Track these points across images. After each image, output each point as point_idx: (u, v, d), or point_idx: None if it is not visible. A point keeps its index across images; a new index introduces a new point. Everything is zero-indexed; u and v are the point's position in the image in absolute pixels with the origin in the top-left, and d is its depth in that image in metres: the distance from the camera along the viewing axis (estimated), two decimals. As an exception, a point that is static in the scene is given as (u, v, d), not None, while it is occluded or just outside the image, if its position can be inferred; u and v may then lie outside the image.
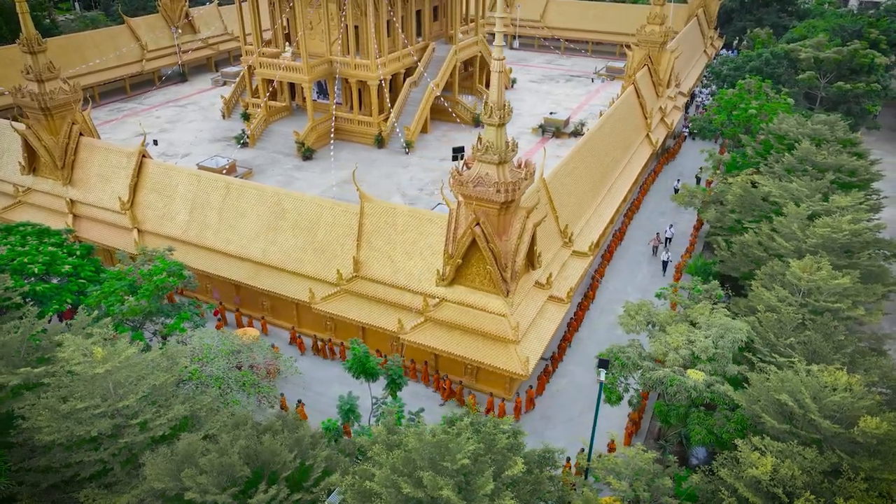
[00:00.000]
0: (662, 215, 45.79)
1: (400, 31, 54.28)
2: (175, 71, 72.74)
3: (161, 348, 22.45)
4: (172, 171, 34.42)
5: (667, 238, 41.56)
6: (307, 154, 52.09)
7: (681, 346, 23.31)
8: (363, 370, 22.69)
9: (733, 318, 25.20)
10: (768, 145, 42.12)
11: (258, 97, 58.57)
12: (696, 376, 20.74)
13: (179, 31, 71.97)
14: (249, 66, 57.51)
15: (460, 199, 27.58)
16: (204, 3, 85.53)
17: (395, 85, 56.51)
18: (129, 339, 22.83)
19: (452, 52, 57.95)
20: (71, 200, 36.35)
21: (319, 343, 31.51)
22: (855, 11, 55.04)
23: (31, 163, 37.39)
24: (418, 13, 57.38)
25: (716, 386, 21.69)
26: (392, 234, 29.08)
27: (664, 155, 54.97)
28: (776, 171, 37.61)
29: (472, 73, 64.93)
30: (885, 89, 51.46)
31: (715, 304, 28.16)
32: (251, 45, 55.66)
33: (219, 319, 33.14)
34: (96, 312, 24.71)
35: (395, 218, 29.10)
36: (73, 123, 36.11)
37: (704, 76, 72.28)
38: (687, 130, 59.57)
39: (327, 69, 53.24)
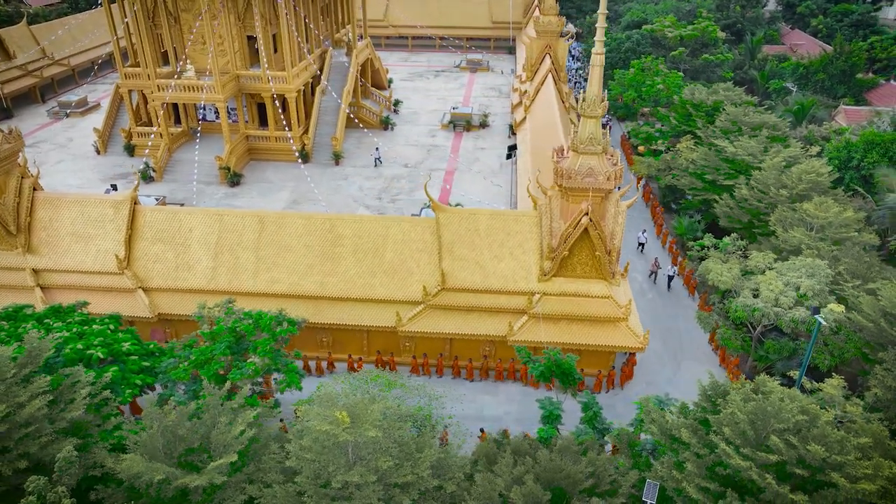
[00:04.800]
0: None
1: (318, 34, 51.73)
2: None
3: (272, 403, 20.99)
4: (183, 215, 29.82)
5: (640, 244, 40.98)
6: (234, 179, 47.52)
7: (783, 289, 26.72)
8: (559, 372, 22.56)
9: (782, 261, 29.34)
10: (684, 113, 48.14)
11: (144, 125, 51.95)
12: (837, 308, 24.09)
13: (-2, 58, 60.29)
14: (130, 91, 50.57)
15: (549, 193, 28.22)
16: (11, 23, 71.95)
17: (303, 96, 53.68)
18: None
19: (354, 56, 56.54)
20: (34, 270, 29.73)
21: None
22: None
23: (-36, 233, 29.76)
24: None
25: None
26: (476, 240, 28.65)
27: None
28: (712, 133, 43.30)
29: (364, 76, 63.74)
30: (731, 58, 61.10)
31: (743, 252, 32.44)
32: (135, 66, 48.96)
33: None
34: (228, 384, 21.29)
35: (477, 223, 28.70)
36: (21, 177, 29.49)
37: (570, 59, 78.27)
38: None
39: (237, 85, 48.88)
